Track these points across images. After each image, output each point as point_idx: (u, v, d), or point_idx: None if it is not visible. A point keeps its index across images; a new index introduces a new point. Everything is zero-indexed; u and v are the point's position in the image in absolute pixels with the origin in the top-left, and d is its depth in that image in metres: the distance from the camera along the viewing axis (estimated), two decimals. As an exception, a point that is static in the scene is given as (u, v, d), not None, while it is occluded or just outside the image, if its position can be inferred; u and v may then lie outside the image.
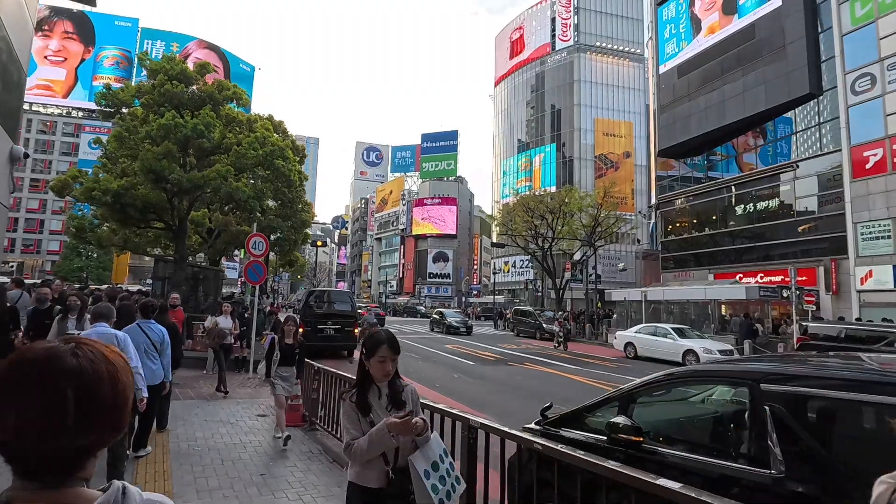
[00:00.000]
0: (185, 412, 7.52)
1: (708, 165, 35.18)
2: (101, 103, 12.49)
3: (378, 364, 2.36)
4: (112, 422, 0.82)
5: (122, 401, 0.83)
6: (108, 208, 11.90)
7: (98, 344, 0.86)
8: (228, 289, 37.68)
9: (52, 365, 0.78)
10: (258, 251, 11.08)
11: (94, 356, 0.82)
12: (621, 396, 3.46)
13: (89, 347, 0.84)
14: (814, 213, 25.30)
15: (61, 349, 0.81)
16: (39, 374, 0.78)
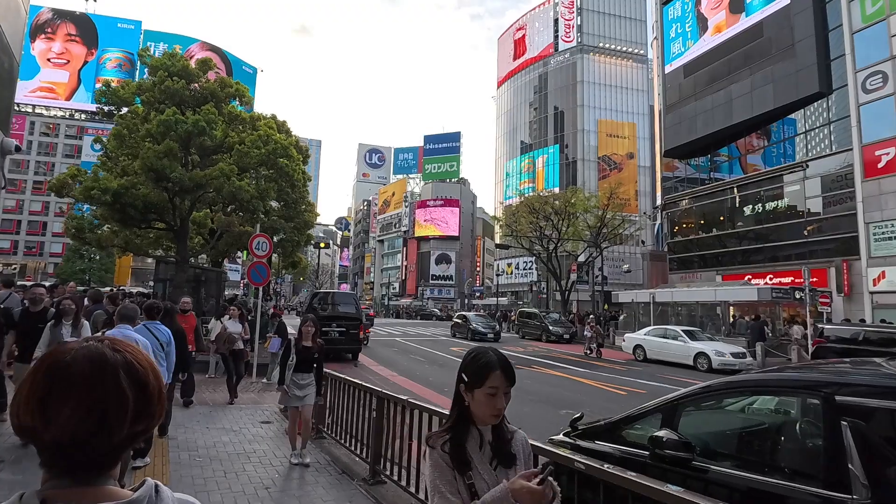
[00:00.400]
0: (186, 418, 7.22)
1: (712, 167, 34.88)
2: (101, 101, 12.21)
3: (486, 399, 1.64)
4: (159, 409, 0.85)
5: (162, 390, 0.87)
6: (108, 208, 11.61)
7: (125, 342, 0.88)
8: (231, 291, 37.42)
9: (103, 359, 0.81)
10: (261, 252, 10.80)
11: (132, 351, 0.86)
12: (666, 407, 3.14)
13: (122, 344, 0.86)
14: (824, 214, 24.91)
15: (99, 346, 0.83)
16: (94, 369, 0.80)
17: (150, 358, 0.88)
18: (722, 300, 21.55)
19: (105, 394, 0.79)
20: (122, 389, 0.80)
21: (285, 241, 20.88)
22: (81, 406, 0.77)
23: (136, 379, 0.82)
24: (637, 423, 3.32)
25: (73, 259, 65.74)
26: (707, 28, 31.46)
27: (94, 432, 0.77)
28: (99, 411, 0.78)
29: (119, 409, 0.79)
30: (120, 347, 0.85)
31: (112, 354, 0.82)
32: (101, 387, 0.79)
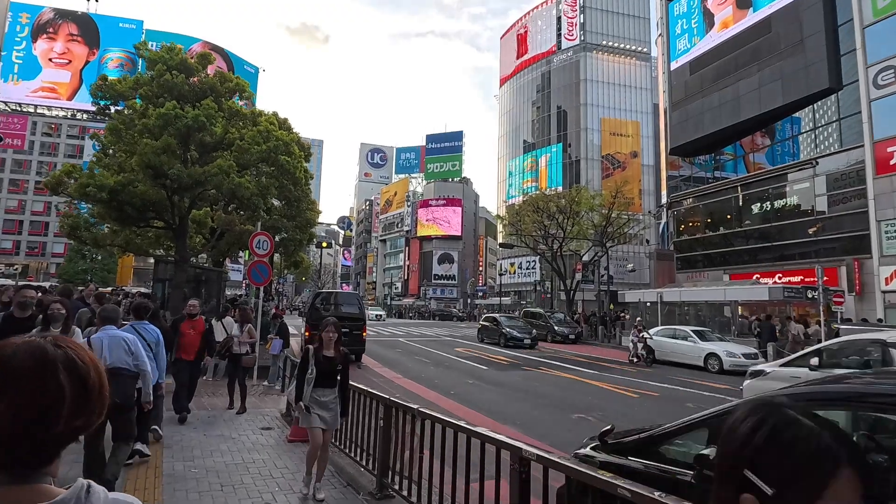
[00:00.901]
0: (181, 424, 6.90)
1: (715, 165, 34.56)
2: (98, 95, 11.88)
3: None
4: (99, 406, 0.86)
5: (104, 387, 0.87)
6: (105, 206, 11.29)
7: (69, 339, 0.89)
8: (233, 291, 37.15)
9: (43, 354, 0.82)
10: (262, 251, 10.47)
11: (75, 347, 0.86)
12: (713, 421, 2.79)
13: (65, 340, 0.87)
14: (834, 212, 24.49)
15: (41, 342, 0.84)
16: (34, 363, 0.81)
17: (93, 356, 0.89)
18: (732, 300, 21.16)
19: (43, 388, 0.80)
20: (61, 384, 0.81)
21: (287, 240, 20.57)
22: (19, 399, 0.78)
23: (76, 374, 0.83)
24: (678, 439, 2.97)
25: (75, 259, 65.65)
26: (714, 24, 31.04)
27: (31, 426, 0.78)
28: (37, 405, 0.79)
29: (57, 403, 0.80)
30: (62, 343, 0.86)
31: (53, 350, 0.83)
32: (40, 381, 0.80)
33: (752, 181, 29.04)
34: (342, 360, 4.74)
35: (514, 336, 22.68)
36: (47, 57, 77.14)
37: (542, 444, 6.92)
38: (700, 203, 32.17)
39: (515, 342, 22.42)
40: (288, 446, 6.15)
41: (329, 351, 4.69)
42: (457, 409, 9.53)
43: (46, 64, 76.91)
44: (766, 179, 28.12)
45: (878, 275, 21.68)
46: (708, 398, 11.49)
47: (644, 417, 9.12)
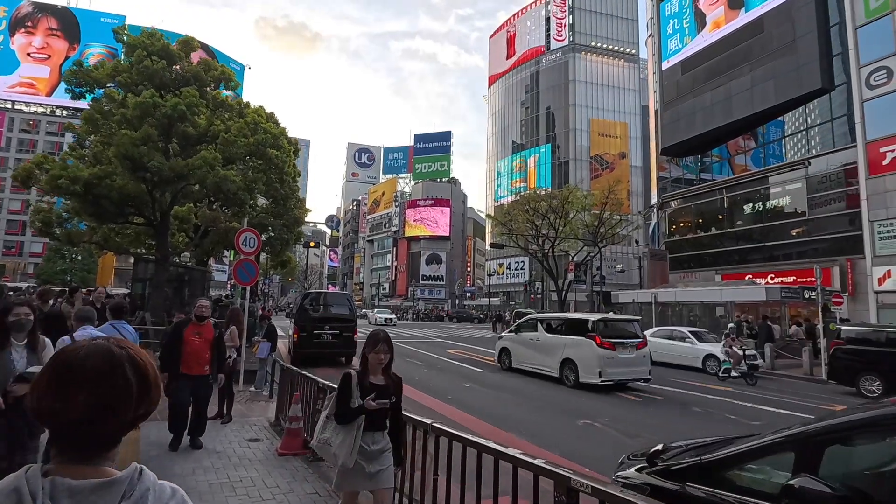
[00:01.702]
0: (161, 436, 6.30)
1: (701, 167, 34.62)
2: (72, 82, 11.14)
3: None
4: (156, 397, 1.00)
5: (158, 379, 1.01)
6: (80, 200, 10.57)
7: (127, 340, 1.05)
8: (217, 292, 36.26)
9: (111, 354, 0.95)
10: (249, 248, 9.87)
11: (133, 347, 1.00)
12: (800, 443, 2.33)
13: (124, 342, 1.01)
14: (826, 212, 24.49)
15: (107, 344, 0.98)
16: (104, 362, 0.94)
17: (146, 354, 1.01)
18: (728, 300, 20.95)
19: (115, 382, 0.93)
20: (128, 379, 0.94)
21: (274, 239, 19.90)
22: (94, 393, 0.91)
23: (138, 371, 0.96)
24: (753, 463, 2.51)
25: (53, 259, 63.90)
26: (705, 24, 30.99)
27: (104, 413, 0.91)
28: (110, 397, 0.92)
29: (126, 395, 0.93)
30: (124, 345, 0.99)
31: (118, 350, 0.97)
32: (111, 377, 0.93)
33: (744, 182, 29.01)
34: (395, 389, 3.41)
35: None
36: (25, 51, 75.13)
37: (561, 459, 6.47)
38: (691, 203, 32.09)
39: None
40: (278, 461, 5.60)
41: (377, 377, 3.32)
42: (456, 414, 9.03)
43: (24, 59, 74.92)
44: (758, 180, 28.09)
45: (870, 275, 21.65)
46: (714, 402, 11.14)
47: (655, 424, 8.72)
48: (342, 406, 3.20)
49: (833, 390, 13.54)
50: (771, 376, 16.08)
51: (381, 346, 3.30)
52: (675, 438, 8.04)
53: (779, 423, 9.72)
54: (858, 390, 12.69)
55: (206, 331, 6.04)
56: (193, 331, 5.95)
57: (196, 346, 5.88)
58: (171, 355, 5.78)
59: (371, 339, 3.36)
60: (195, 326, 5.98)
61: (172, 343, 5.88)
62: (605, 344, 11.71)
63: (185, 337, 5.86)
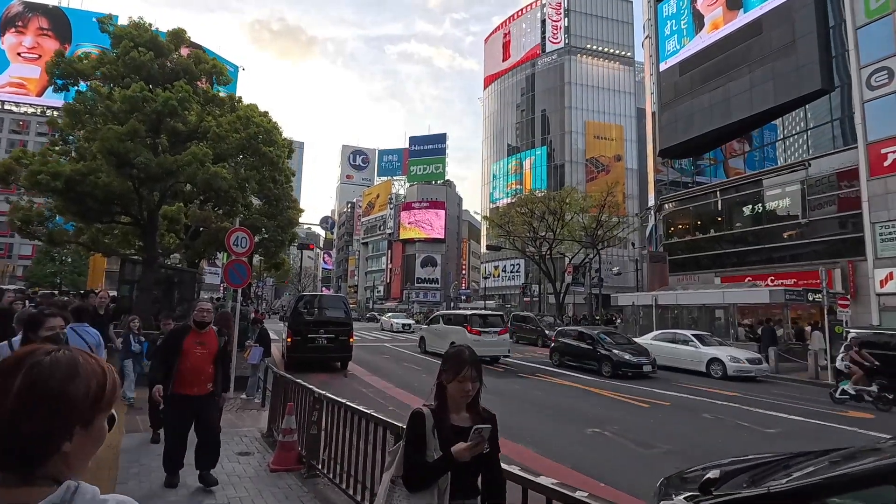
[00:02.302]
0: (142, 449, 5.84)
1: (696, 170, 34.49)
2: (54, 74, 10.60)
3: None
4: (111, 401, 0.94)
5: (115, 389, 0.95)
6: (62, 198, 10.05)
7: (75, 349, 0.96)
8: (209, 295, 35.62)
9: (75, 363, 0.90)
10: (241, 248, 9.41)
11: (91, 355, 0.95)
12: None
13: (63, 349, 0.94)
14: (826, 214, 24.28)
15: (39, 350, 0.92)
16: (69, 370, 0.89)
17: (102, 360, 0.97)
18: (730, 302, 20.61)
19: (76, 391, 0.87)
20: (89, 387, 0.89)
21: (267, 240, 19.40)
22: (57, 402, 0.85)
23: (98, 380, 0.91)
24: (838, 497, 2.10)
25: (43, 261, 62.97)
26: (703, 25, 30.80)
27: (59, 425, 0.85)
28: (66, 407, 0.86)
29: (85, 402, 0.88)
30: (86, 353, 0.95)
31: (84, 359, 0.92)
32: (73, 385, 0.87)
33: (743, 183, 28.80)
34: (487, 421, 2.24)
35: (630, 362, 14.87)
36: (16, 51, 74.22)
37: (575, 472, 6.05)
38: (690, 206, 31.84)
39: (629, 370, 14.79)
40: (270, 478, 5.16)
41: (461, 415, 2.25)
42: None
43: (15, 59, 74.01)
44: (758, 182, 27.88)
45: (872, 277, 21.41)
46: (722, 407, 10.77)
47: (667, 432, 8.32)
48: (416, 461, 2.11)
49: (841, 395, 13.21)
50: (775, 380, 15.76)
51: (468, 372, 2.18)
52: (690, 448, 7.67)
53: (794, 431, 9.40)
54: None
55: (209, 340, 4.86)
56: (194, 340, 4.76)
57: (197, 359, 4.73)
58: (166, 369, 4.70)
59: (452, 361, 2.23)
60: (195, 335, 4.79)
61: (167, 355, 4.77)
62: (474, 331, 17.09)
63: (183, 348, 4.70)
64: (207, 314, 4.91)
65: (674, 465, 6.81)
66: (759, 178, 27.84)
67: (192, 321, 4.86)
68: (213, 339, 4.92)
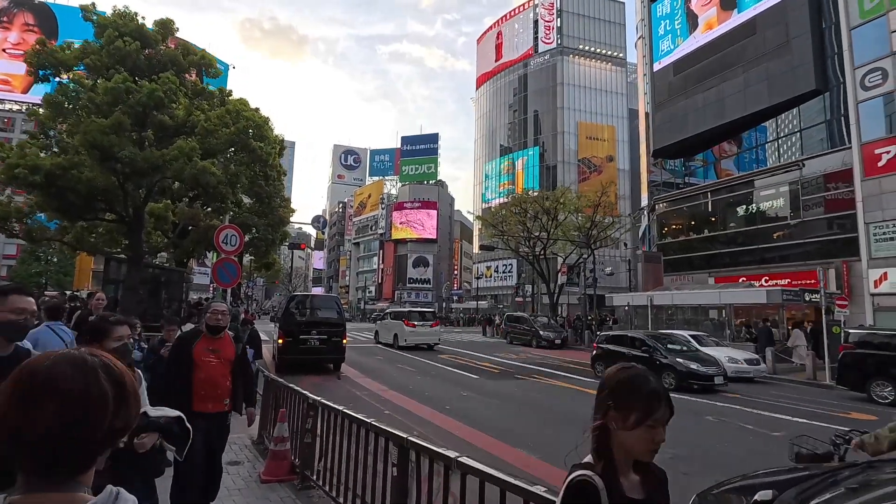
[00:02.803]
0: (126, 460, 5.47)
1: (686, 172, 34.49)
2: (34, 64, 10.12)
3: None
4: (136, 407, 0.90)
5: (137, 391, 0.91)
6: (42, 193, 9.61)
7: (99, 350, 0.94)
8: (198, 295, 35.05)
9: (83, 360, 0.86)
10: (230, 247, 9.05)
11: (107, 356, 0.91)
12: None
13: (97, 351, 0.91)
14: (820, 214, 24.29)
15: (77, 352, 0.89)
16: (74, 368, 0.84)
17: (121, 363, 0.91)
18: (727, 303, 20.49)
19: (87, 388, 0.82)
20: (102, 385, 0.84)
21: (258, 239, 18.97)
22: (65, 401, 0.81)
23: (114, 378, 0.86)
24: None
25: (28, 261, 61.76)
26: (697, 25, 30.78)
27: (78, 424, 0.80)
28: (82, 404, 0.81)
29: (101, 402, 0.83)
30: (96, 353, 0.89)
31: (91, 358, 0.87)
32: (84, 382, 0.82)
33: (737, 184, 28.79)
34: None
35: (696, 373, 13.06)
36: (0, 48, 72.91)
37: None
38: (684, 206, 31.80)
39: (698, 382, 13.06)
40: (261, 489, 4.83)
41: (629, 478, 1.47)
42: (457, 427, 8.32)
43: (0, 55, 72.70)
44: (751, 182, 27.88)
45: (866, 277, 21.41)
46: (723, 409, 10.56)
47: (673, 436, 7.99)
48: None
49: (840, 395, 13.08)
50: (773, 381, 15.62)
51: (662, 411, 1.45)
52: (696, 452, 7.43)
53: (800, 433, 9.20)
54: (869, 396, 12.24)
55: (224, 347, 4.11)
56: (206, 347, 4.01)
57: (211, 369, 3.97)
58: (177, 384, 3.92)
59: (636, 394, 1.45)
60: (207, 341, 4.04)
61: (178, 367, 3.99)
62: (410, 324, 21.92)
63: (195, 358, 3.95)
64: (223, 317, 4.10)
65: (681, 471, 6.57)
66: (753, 179, 27.83)
67: (206, 325, 4.12)
68: (229, 345, 4.17)
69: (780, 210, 26.16)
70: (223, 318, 4.14)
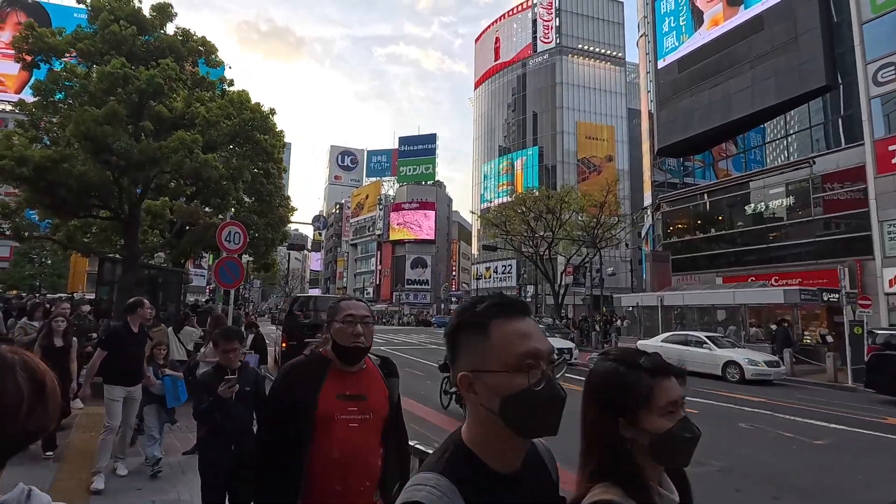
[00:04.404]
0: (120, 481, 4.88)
1: (685, 172, 34.05)
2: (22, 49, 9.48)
3: None
4: (54, 409, 0.85)
5: (58, 395, 0.87)
6: (31, 188, 8.97)
7: (20, 348, 0.90)
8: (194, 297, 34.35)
9: (2, 358, 0.82)
10: (233, 245, 8.45)
11: (29, 354, 0.87)
12: None
13: (19, 349, 0.88)
14: (832, 212, 23.86)
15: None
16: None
17: (44, 364, 0.88)
18: (741, 303, 19.99)
19: (2, 387, 0.79)
20: (18, 383, 0.80)
21: (258, 239, 18.33)
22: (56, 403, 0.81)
23: (33, 377, 0.82)
24: None
25: (21, 263, 60.69)
26: (703, 21, 30.35)
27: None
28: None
29: (15, 401, 0.79)
30: (17, 351, 0.87)
31: (10, 354, 0.84)
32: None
33: (744, 182, 28.35)
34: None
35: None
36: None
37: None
38: (690, 205, 31.34)
39: None
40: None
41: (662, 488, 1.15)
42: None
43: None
44: (760, 179, 27.42)
45: (881, 277, 20.95)
46: (755, 415, 10.02)
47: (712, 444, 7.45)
48: None
49: (868, 398, 12.57)
50: (793, 383, 15.12)
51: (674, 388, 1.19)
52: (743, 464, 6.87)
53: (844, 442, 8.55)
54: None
55: (371, 390, 2.37)
56: (339, 390, 2.16)
57: (352, 435, 2.15)
58: (279, 471, 2.18)
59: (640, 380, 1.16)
60: (340, 378, 2.16)
61: (284, 433, 2.13)
62: None
63: (323, 414, 2.09)
64: (367, 331, 2.07)
65: (734, 488, 6.02)
66: (762, 177, 27.38)
67: (333, 346, 2.07)
68: (379, 385, 2.18)
69: (790, 208, 25.72)
70: (368, 332, 2.06)
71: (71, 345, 5.86)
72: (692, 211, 31.11)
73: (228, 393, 3.06)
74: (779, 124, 28.01)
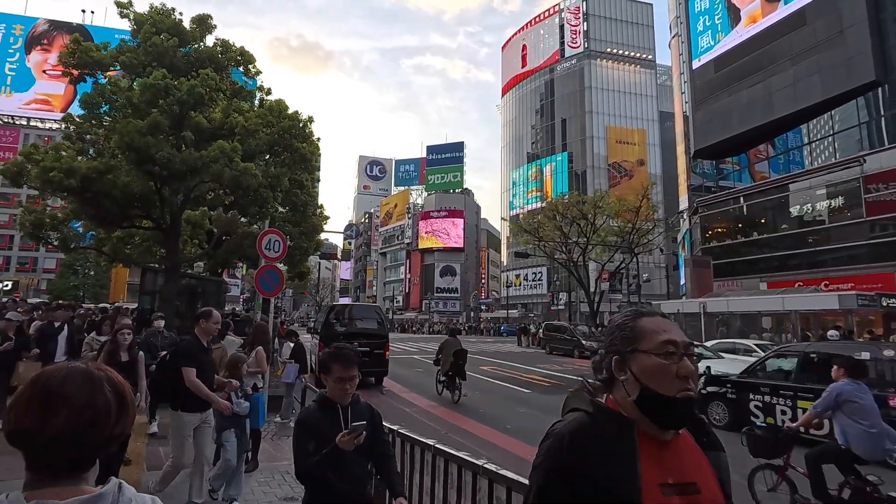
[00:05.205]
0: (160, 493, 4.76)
1: (719, 175, 32.91)
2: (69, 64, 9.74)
3: None
4: (132, 416, 1.00)
5: (133, 402, 1.02)
6: (78, 199, 9.17)
7: (102, 364, 1.06)
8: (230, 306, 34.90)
9: (90, 374, 0.96)
10: (273, 253, 8.39)
11: (109, 370, 1.01)
12: None
13: (100, 365, 1.02)
14: (883, 213, 22.64)
15: (84, 366, 1.00)
16: (84, 381, 0.95)
17: (123, 379, 1.02)
18: (791, 309, 19.06)
19: (93, 400, 0.93)
20: (107, 397, 0.94)
21: (292, 248, 18.46)
22: (76, 409, 0.91)
23: (116, 390, 0.97)
24: None
25: (66, 275, 63.28)
26: (740, 19, 29.46)
27: (85, 430, 0.91)
28: (89, 412, 0.92)
29: (105, 411, 0.93)
30: (102, 367, 1.01)
31: (98, 372, 0.98)
32: (91, 394, 0.93)
33: (789, 182, 27.22)
34: None
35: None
36: (41, 69, 75.57)
37: None
38: (730, 208, 30.29)
39: None
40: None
41: None
42: (519, 448, 7.43)
43: (40, 76, 75.35)
44: (807, 179, 26.29)
45: (940, 281, 19.74)
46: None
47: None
48: None
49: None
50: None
51: None
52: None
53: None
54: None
55: (703, 478, 1.36)
56: (663, 478, 1.21)
57: None
58: None
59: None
60: (657, 452, 1.22)
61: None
62: None
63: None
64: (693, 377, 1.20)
65: None
66: (806, 177, 26.27)
67: (644, 389, 1.16)
68: (702, 463, 1.19)
69: (837, 210, 24.55)
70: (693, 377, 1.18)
71: (136, 359, 5.21)
72: (732, 214, 30.06)
73: (353, 445, 2.30)
74: (817, 125, 26.90)
